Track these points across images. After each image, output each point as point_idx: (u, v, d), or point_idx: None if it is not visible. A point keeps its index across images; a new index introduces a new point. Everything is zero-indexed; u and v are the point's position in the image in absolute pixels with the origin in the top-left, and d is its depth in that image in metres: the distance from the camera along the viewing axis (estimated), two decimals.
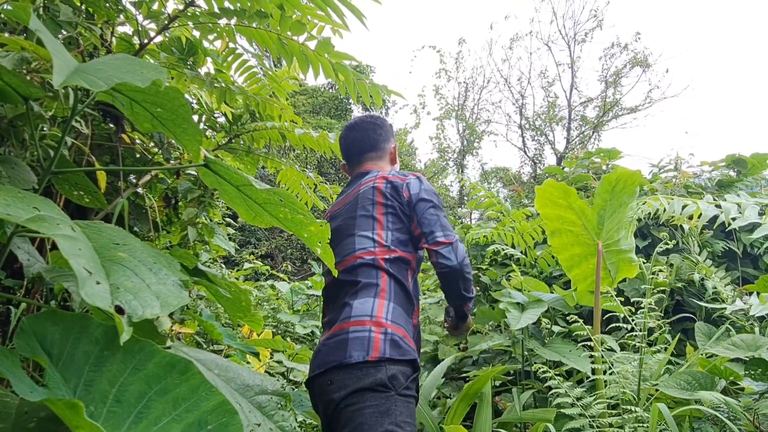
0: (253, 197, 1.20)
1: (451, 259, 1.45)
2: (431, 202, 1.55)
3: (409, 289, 1.50)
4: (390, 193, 1.56)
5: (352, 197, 1.63)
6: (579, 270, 1.83)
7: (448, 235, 1.47)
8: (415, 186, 1.57)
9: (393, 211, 1.54)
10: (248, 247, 11.53)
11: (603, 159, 3.82)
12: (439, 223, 1.50)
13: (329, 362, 1.36)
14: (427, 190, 1.57)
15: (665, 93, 16.36)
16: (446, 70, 17.52)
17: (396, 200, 1.55)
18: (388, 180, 1.59)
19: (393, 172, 1.63)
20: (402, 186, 1.56)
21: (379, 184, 1.58)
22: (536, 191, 1.74)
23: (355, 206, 1.59)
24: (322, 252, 1.23)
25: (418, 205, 1.53)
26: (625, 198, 1.65)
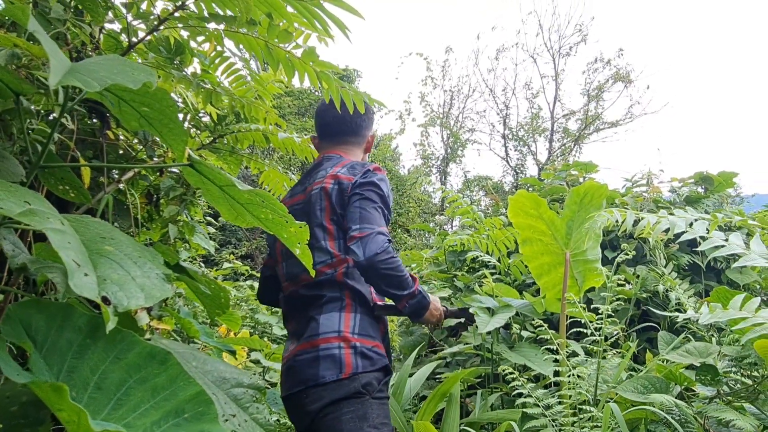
0: (236, 197, 1.25)
1: (358, 255, 1.35)
2: (360, 195, 1.46)
3: (371, 295, 1.49)
4: (336, 196, 1.48)
5: (308, 195, 1.57)
6: (548, 278, 1.90)
7: (363, 228, 1.38)
8: (357, 180, 1.48)
9: (339, 218, 1.48)
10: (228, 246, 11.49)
11: (580, 172, 3.92)
12: (358, 216, 1.41)
13: (302, 382, 1.37)
14: (364, 182, 1.48)
15: (645, 109, 16.79)
16: (432, 78, 17.69)
17: (339, 205, 1.48)
18: (338, 180, 1.50)
19: (349, 166, 1.54)
20: (347, 188, 1.48)
21: (327, 184, 1.51)
22: (509, 201, 1.81)
23: (308, 210, 1.53)
24: (300, 253, 1.28)
25: (349, 201, 1.46)
26: (593, 210, 1.73)
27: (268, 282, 1.73)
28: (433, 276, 3.28)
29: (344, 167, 1.55)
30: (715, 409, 1.24)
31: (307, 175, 1.69)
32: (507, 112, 17.33)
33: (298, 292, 1.51)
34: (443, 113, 17.89)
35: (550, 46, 16.91)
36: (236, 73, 2.35)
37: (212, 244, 3.25)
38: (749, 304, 1.14)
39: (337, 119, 1.69)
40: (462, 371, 1.83)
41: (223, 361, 1.28)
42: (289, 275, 1.56)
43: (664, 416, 1.27)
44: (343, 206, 1.48)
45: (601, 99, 16.76)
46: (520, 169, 17.12)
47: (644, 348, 2.23)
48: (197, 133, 2.99)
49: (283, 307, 1.60)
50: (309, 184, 1.59)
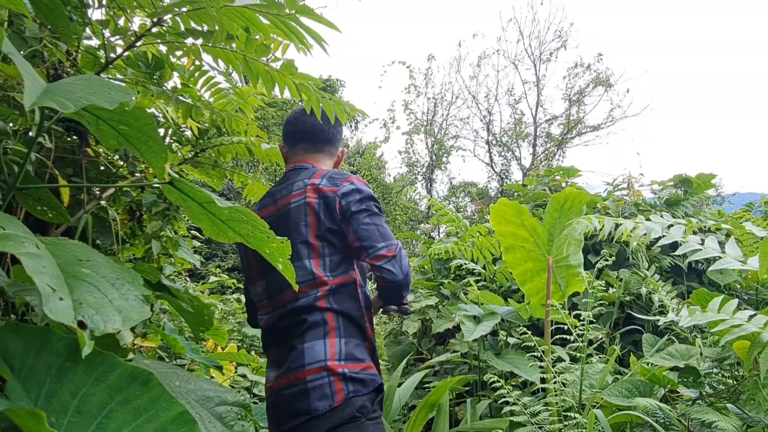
0: (217, 214, 1.24)
1: (396, 273, 1.36)
2: (367, 211, 1.42)
3: (360, 311, 1.44)
4: (323, 211, 1.42)
5: (283, 209, 1.49)
6: (532, 284, 1.91)
7: (390, 246, 1.37)
8: (347, 195, 1.42)
9: (327, 233, 1.42)
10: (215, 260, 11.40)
11: (562, 177, 3.96)
12: (378, 234, 1.38)
13: (295, 416, 1.33)
14: (362, 197, 1.43)
15: (626, 112, 16.98)
16: (416, 86, 17.76)
17: (329, 219, 1.42)
18: (321, 193, 1.43)
19: (327, 177, 1.47)
20: (334, 200, 1.42)
21: (311, 199, 1.43)
22: (491, 209, 1.82)
23: (287, 224, 1.45)
24: (283, 268, 1.28)
25: (354, 218, 1.40)
26: (573, 216, 1.75)
27: (253, 305, 1.68)
28: (420, 284, 3.29)
29: (323, 178, 1.48)
30: (698, 411, 1.26)
31: (277, 186, 1.60)
32: (490, 119, 17.46)
33: (276, 324, 1.47)
34: (427, 121, 17.97)
35: (530, 52, 17.09)
36: (216, 86, 2.35)
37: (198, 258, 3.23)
38: (727, 306, 1.16)
39: (315, 128, 1.62)
40: (450, 380, 1.83)
41: (206, 378, 1.26)
42: (269, 294, 1.51)
43: (648, 420, 1.28)
44: (333, 221, 1.42)
45: (583, 103, 16.95)
46: (504, 175, 17.24)
47: (629, 351, 2.25)
48: (179, 148, 2.98)
49: (263, 334, 1.55)
50: (282, 197, 1.52)
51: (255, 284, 1.57)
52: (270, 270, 1.48)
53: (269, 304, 1.51)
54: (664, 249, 2.72)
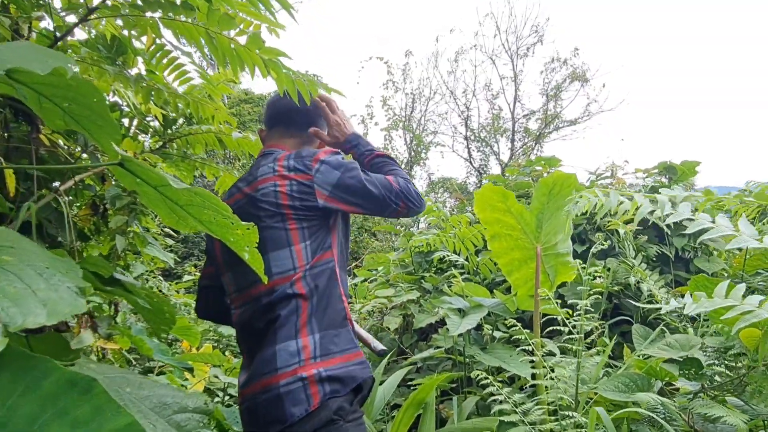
0: (174, 198, 1.11)
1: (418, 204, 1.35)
2: (352, 179, 1.31)
3: (339, 294, 1.33)
4: (298, 195, 1.31)
5: (250, 196, 1.36)
6: (519, 274, 1.82)
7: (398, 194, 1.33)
8: (326, 179, 1.31)
9: (306, 216, 1.31)
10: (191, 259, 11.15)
11: (543, 167, 3.89)
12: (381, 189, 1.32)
13: (270, 424, 1.22)
14: (338, 166, 1.32)
15: (602, 107, 17.06)
16: (393, 81, 17.66)
17: (307, 201, 1.31)
18: (291, 180, 1.32)
19: (293, 158, 1.35)
20: (312, 187, 1.31)
21: (282, 187, 1.32)
22: (475, 195, 1.72)
23: (257, 212, 1.32)
24: (249, 257, 1.15)
25: (344, 197, 1.31)
26: (561, 202, 1.65)
27: (207, 294, 1.56)
28: (401, 278, 3.18)
29: (288, 160, 1.36)
30: (702, 405, 1.17)
31: (248, 172, 1.47)
32: (468, 114, 17.45)
33: (249, 322, 1.36)
34: (405, 116, 17.89)
35: (507, 47, 17.12)
36: (180, 68, 2.20)
37: (171, 257, 3.07)
38: (734, 292, 1.07)
39: (291, 108, 1.50)
40: (436, 378, 1.72)
41: (164, 384, 1.13)
42: (238, 287, 1.40)
43: (649, 415, 1.19)
44: (313, 203, 1.31)
45: (560, 98, 17.05)
46: (483, 170, 17.26)
47: (619, 343, 2.18)
48: (145, 138, 2.82)
49: (236, 331, 1.44)
50: (248, 183, 1.40)
51: (223, 275, 1.45)
52: (239, 260, 1.37)
53: (240, 298, 1.39)
54: (650, 237, 2.65)
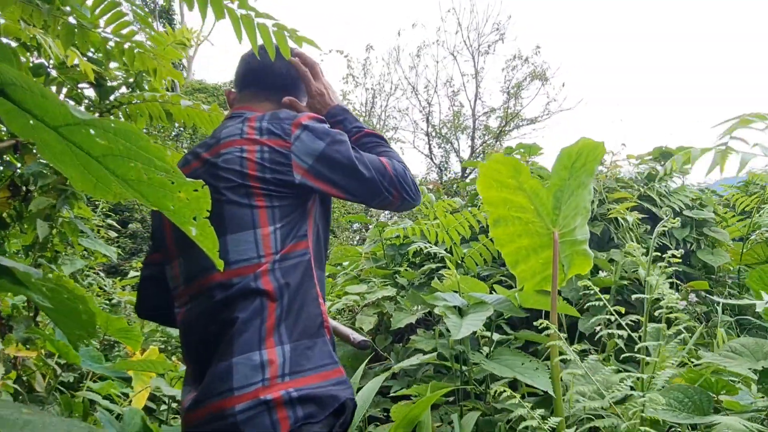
0: (85, 147, 0.75)
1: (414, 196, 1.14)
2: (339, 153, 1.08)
3: (315, 295, 1.06)
4: (269, 165, 1.05)
5: (209, 163, 1.09)
6: (526, 266, 1.53)
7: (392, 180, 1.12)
8: (307, 148, 1.07)
9: (278, 192, 1.05)
10: (139, 255, 10.50)
11: (523, 155, 3.64)
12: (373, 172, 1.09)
13: None
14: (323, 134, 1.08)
15: (561, 106, 17.18)
16: (354, 76, 17.32)
17: (280, 174, 1.05)
18: (263, 146, 1.06)
19: (267, 119, 1.10)
20: (289, 157, 1.05)
21: (250, 153, 1.05)
22: (480, 169, 1.42)
23: (216, 182, 1.05)
24: (198, 233, 0.80)
25: (326, 175, 1.06)
26: (584, 177, 1.38)
27: (150, 287, 1.24)
28: (372, 273, 2.86)
29: (261, 121, 1.10)
30: None
31: (209, 137, 1.20)
32: (430, 110, 17.29)
33: (197, 323, 1.06)
34: (366, 112, 17.59)
35: (469, 44, 17.03)
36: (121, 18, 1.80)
37: (115, 251, 2.66)
38: None
39: (269, 67, 1.24)
40: (433, 394, 1.41)
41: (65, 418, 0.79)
42: (188, 276, 1.08)
43: None
44: (289, 171, 1.05)
45: (520, 96, 17.09)
46: (444, 166, 17.14)
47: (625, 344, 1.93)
48: None
49: (180, 333, 1.12)
50: (208, 149, 1.12)
51: (172, 261, 1.13)
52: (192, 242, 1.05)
53: (187, 292, 1.09)
54: (648, 229, 2.43)
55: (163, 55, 2.10)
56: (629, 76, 28.65)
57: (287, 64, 1.25)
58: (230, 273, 1.01)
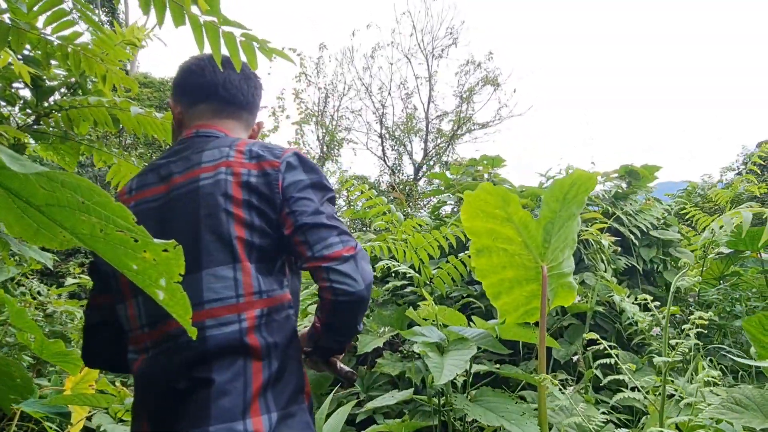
0: (23, 194, 0.60)
1: (357, 281, 0.92)
2: (319, 193, 1.00)
3: (299, 356, 0.98)
4: (257, 192, 0.96)
5: (183, 188, 0.99)
6: (509, 298, 1.45)
7: (345, 242, 0.95)
8: (293, 170, 0.99)
9: (262, 225, 0.96)
10: (77, 256, 9.91)
11: (485, 167, 3.60)
12: (330, 224, 0.96)
13: None
14: (313, 179, 1.01)
15: (512, 111, 17.46)
16: (306, 75, 17.03)
17: (266, 203, 0.96)
18: (251, 170, 0.98)
19: (259, 146, 1.03)
20: (276, 178, 0.97)
21: (237, 172, 0.96)
22: (465, 198, 1.33)
23: (193, 211, 0.96)
24: (167, 298, 0.67)
25: (298, 202, 0.97)
26: (575, 209, 1.31)
27: (96, 333, 1.08)
28: None
29: (252, 146, 1.02)
30: None
31: (166, 158, 1.07)
32: (383, 112, 17.24)
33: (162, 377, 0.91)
34: (318, 111, 17.36)
35: (423, 47, 17.07)
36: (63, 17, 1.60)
37: (50, 257, 2.42)
38: None
39: (230, 82, 1.13)
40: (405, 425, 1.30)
41: None
42: (150, 320, 0.95)
43: None
44: (272, 207, 0.96)
45: (472, 101, 17.27)
46: (397, 169, 17.12)
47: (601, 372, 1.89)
48: (13, 111, 2.21)
49: (138, 382, 0.97)
50: (180, 171, 1.01)
51: (126, 301, 0.99)
52: None
53: (148, 337, 0.95)
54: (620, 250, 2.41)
55: (111, 60, 1.91)
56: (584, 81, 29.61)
57: (244, 79, 1.15)
58: (202, 314, 0.89)
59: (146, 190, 1.04)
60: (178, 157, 1.05)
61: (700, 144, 31.29)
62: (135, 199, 1.04)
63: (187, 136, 1.09)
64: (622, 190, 2.64)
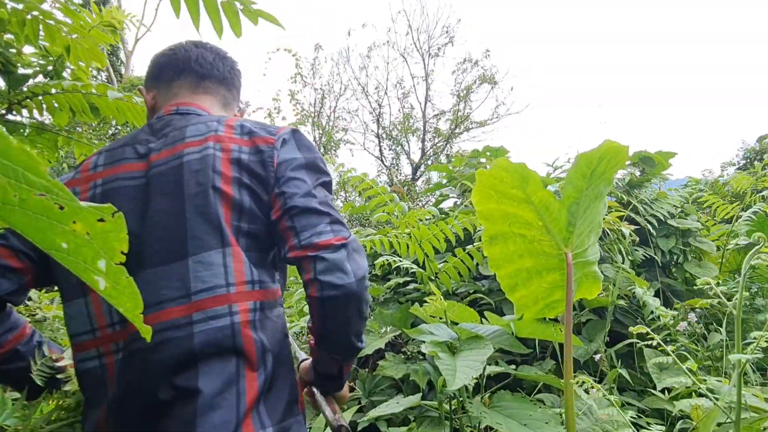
0: None
1: (346, 273, 0.81)
2: (313, 175, 0.90)
3: (291, 362, 0.88)
4: (247, 161, 0.87)
5: (164, 165, 0.88)
6: (527, 290, 1.30)
7: (337, 231, 0.85)
8: (288, 148, 0.91)
9: (253, 207, 0.87)
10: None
11: (488, 159, 3.45)
12: (323, 211, 0.86)
13: None
14: (309, 158, 0.92)
15: (510, 109, 17.36)
16: (302, 75, 16.90)
17: (259, 185, 0.87)
18: (242, 146, 0.89)
19: (251, 123, 0.95)
20: (271, 155, 0.88)
21: (225, 152, 0.87)
22: (478, 177, 1.18)
23: (176, 190, 0.85)
24: (109, 287, 0.51)
25: (290, 182, 0.87)
26: (602, 187, 1.16)
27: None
28: None
29: (243, 123, 0.94)
30: None
31: (141, 134, 0.96)
32: (380, 111, 17.13)
33: (142, 381, 0.78)
34: (314, 112, 17.23)
35: (419, 46, 16.97)
36: None
37: None
38: None
39: (203, 57, 1.06)
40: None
41: None
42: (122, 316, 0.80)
43: None
44: (265, 188, 0.87)
45: (469, 100, 17.17)
46: (394, 168, 16.99)
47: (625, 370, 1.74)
48: None
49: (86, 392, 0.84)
50: (163, 147, 0.91)
51: (87, 296, 0.85)
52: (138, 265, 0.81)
53: (121, 335, 0.82)
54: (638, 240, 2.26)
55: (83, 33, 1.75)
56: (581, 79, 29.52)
57: (218, 58, 1.08)
58: (190, 307, 0.78)
59: (119, 166, 0.91)
60: (157, 133, 0.95)
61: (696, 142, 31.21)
62: (104, 176, 0.91)
63: (166, 112, 1.00)
64: (636, 178, 2.50)
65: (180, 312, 0.78)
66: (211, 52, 1.08)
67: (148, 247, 0.82)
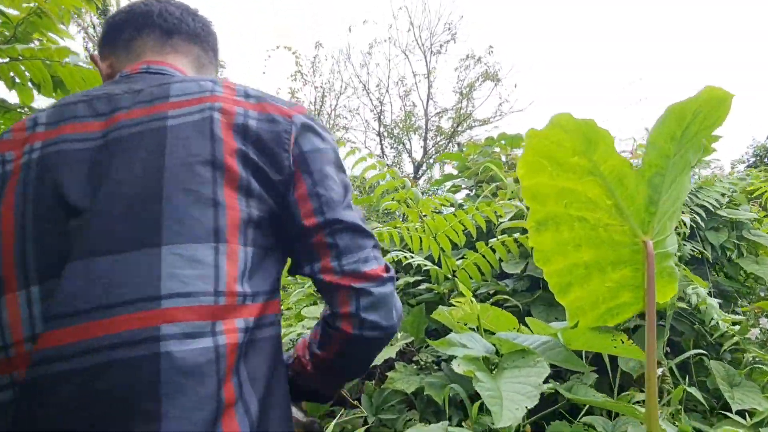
0: None
1: (392, 314, 0.70)
2: (342, 172, 0.75)
3: (286, 392, 0.69)
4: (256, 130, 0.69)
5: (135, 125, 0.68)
6: (584, 291, 1.01)
7: (380, 259, 0.73)
8: (311, 132, 0.73)
9: (260, 189, 0.68)
10: None
11: (503, 147, 3.16)
12: (368, 228, 0.73)
13: None
14: (329, 140, 0.76)
15: (513, 107, 17.05)
16: (302, 73, 16.68)
17: (269, 162, 0.69)
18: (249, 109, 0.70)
19: (259, 91, 0.75)
20: (290, 128, 0.71)
21: (228, 115, 0.68)
22: (527, 141, 0.89)
23: (155, 160, 0.64)
24: None
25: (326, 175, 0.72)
26: (692, 153, 0.88)
27: None
28: None
29: (246, 87, 0.75)
30: None
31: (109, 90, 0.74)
32: (381, 109, 16.90)
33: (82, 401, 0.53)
34: (315, 111, 17.03)
35: (421, 43, 16.74)
36: None
37: None
38: None
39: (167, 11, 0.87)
40: None
41: None
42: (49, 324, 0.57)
43: None
44: (278, 168, 0.69)
45: (472, 97, 16.95)
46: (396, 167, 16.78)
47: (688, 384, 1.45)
48: None
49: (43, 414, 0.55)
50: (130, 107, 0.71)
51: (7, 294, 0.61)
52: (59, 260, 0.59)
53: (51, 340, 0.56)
54: None
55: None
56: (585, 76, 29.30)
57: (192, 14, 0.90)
58: (157, 315, 0.55)
59: (67, 125, 0.70)
60: (123, 89, 0.74)
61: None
62: (46, 137, 0.68)
63: (134, 71, 0.80)
64: None
65: (140, 321, 0.54)
66: (177, 7, 0.90)
67: (100, 227, 0.59)
